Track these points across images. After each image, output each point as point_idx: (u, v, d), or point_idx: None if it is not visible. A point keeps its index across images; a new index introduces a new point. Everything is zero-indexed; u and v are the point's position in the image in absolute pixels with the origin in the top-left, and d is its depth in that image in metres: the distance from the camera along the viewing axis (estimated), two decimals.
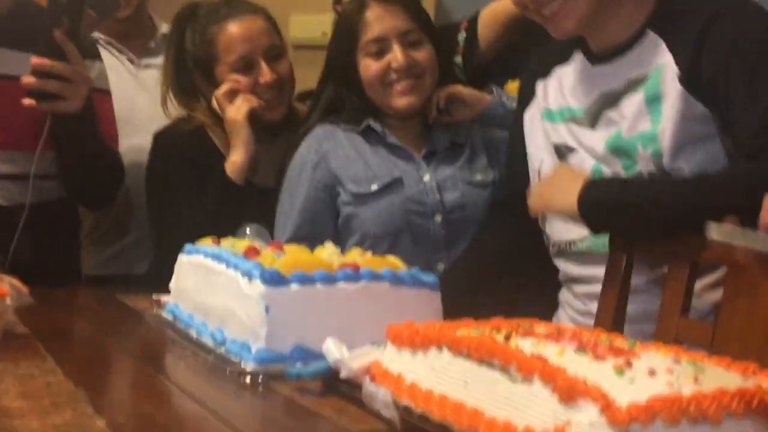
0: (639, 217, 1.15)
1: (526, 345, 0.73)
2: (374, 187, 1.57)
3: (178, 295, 1.20)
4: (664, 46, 1.23)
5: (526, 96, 1.46)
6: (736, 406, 0.65)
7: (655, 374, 0.68)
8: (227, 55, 1.67)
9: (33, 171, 1.45)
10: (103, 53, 1.89)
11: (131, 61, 2.14)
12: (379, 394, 0.78)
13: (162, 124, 1.79)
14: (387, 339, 0.88)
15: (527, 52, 1.77)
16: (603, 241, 1.31)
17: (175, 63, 1.75)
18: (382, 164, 1.59)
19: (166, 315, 1.19)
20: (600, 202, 1.18)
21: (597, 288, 1.27)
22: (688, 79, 1.17)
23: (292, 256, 1.03)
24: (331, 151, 1.60)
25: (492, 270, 1.49)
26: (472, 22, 1.75)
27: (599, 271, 1.29)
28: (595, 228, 1.21)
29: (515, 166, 1.50)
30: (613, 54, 1.28)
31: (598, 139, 1.29)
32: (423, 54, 1.57)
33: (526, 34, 1.77)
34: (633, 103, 1.25)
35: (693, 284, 1.18)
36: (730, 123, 1.15)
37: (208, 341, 1.04)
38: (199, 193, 1.64)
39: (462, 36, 1.74)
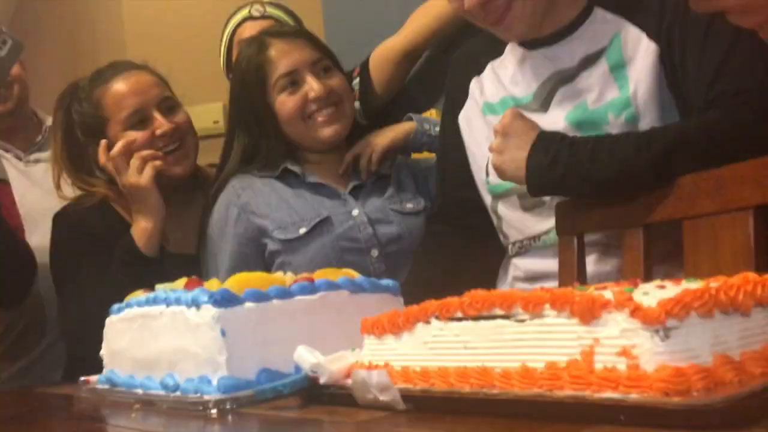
0: (579, 176, 1.12)
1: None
2: (302, 230, 1.49)
3: (112, 360, 1.07)
4: (617, 16, 1.21)
5: (457, 99, 1.41)
6: (761, 293, 0.61)
7: (665, 288, 0.64)
8: (118, 113, 1.55)
9: None
10: None
11: (18, 157, 2.03)
12: (372, 378, 0.69)
13: None
14: (364, 333, 0.81)
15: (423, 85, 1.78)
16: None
17: (65, 141, 1.62)
18: (306, 205, 1.53)
19: (101, 386, 1.05)
20: (544, 166, 1.13)
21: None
22: (654, 35, 1.15)
23: (242, 277, 0.94)
24: (250, 201, 1.52)
25: (439, 283, 1.42)
26: (363, 67, 1.74)
27: None
28: (536, 192, 1.17)
29: (448, 174, 1.45)
30: (555, 37, 1.25)
31: (554, 118, 1.24)
32: (336, 81, 1.55)
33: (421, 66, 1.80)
34: (595, 74, 1.21)
35: (650, 248, 1.16)
36: (685, 79, 1.13)
37: (159, 393, 0.91)
38: (107, 269, 1.49)
39: (356, 81, 1.74)
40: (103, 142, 1.52)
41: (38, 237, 1.71)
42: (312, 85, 1.51)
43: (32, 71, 2.11)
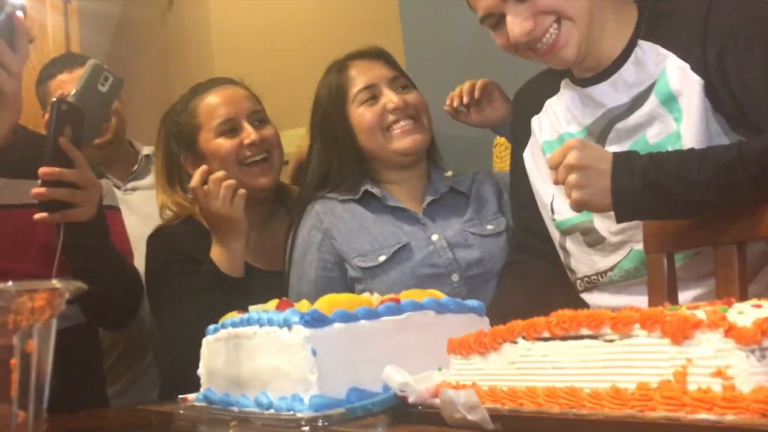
0: (673, 197, 1.09)
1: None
2: (382, 258, 1.50)
3: (209, 379, 1.11)
4: (661, 48, 1.22)
5: (522, 136, 1.44)
6: None
7: (761, 307, 0.62)
8: (210, 121, 1.61)
9: None
10: None
11: (116, 186, 2.13)
12: (460, 398, 0.70)
13: None
14: (450, 353, 0.82)
15: None
16: (636, 265, 1.26)
17: (164, 158, 1.69)
18: (386, 232, 1.53)
19: (199, 403, 1.10)
20: (633, 191, 1.11)
21: None
22: (697, 67, 1.16)
23: (330, 298, 0.97)
24: (332, 227, 1.54)
25: (524, 308, 1.41)
26: None
27: (638, 298, 1.22)
28: (625, 217, 1.15)
29: (521, 209, 1.46)
30: (605, 73, 1.27)
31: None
32: (414, 96, 1.57)
33: None
34: (647, 109, 1.22)
35: (745, 267, 1.12)
36: (747, 99, 1.12)
37: (254, 410, 0.94)
38: (198, 288, 1.52)
39: None
40: (203, 167, 1.54)
41: (136, 262, 1.80)
42: (390, 97, 1.54)
43: (127, 104, 2.24)
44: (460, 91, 1.59)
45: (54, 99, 1.26)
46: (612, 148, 1.24)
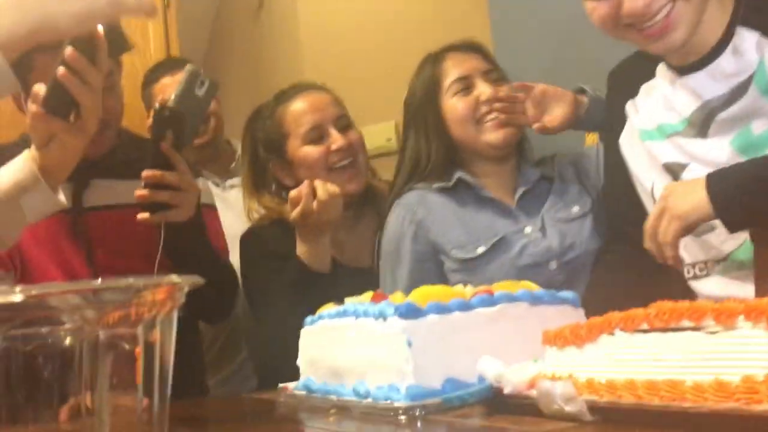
0: None
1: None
2: (481, 249, 1.51)
3: (308, 369, 1.15)
4: (760, 36, 1.16)
5: (615, 121, 1.40)
6: None
7: None
8: (297, 128, 1.65)
9: None
10: None
11: (216, 183, 2.22)
12: (557, 389, 0.70)
13: None
14: (546, 344, 0.82)
15: None
16: (750, 257, 1.21)
17: (251, 162, 1.74)
18: (481, 225, 1.53)
19: (299, 392, 1.14)
20: (733, 189, 1.08)
21: None
22: None
23: (424, 290, 0.98)
24: (426, 217, 1.54)
25: (621, 299, 1.39)
26: None
27: (749, 290, 1.17)
28: (733, 219, 1.12)
29: (618, 195, 1.43)
30: (703, 61, 1.22)
31: (717, 144, 1.20)
32: (508, 90, 1.56)
33: None
34: (749, 100, 1.17)
35: None
36: None
37: (351, 399, 0.97)
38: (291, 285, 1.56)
39: None
40: (306, 183, 1.55)
41: (231, 256, 1.87)
42: (483, 89, 1.55)
43: (222, 103, 2.32)
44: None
45: (156, 106, 1.33)
46: (714, 140, 1.20)
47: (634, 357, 0.70)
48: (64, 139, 1.16)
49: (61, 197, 1.23)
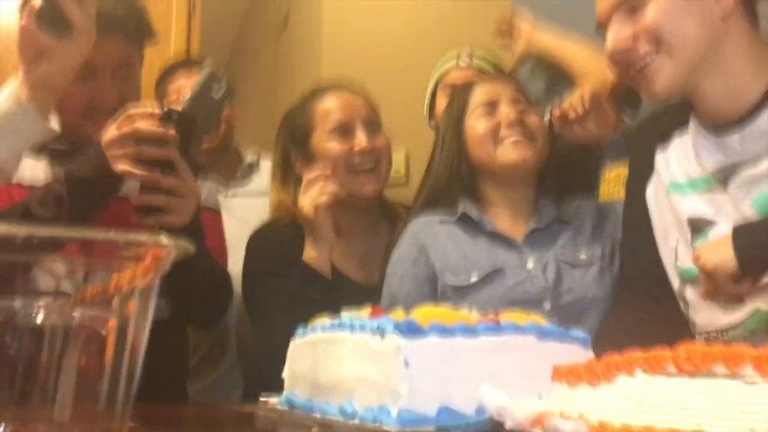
0: None
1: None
2: (474, 278, 1.49)
3: (293, 383, 1.08)
4: None
5: (644, 169, 1.35)
6: None
7: None
8: (324, 122, 1.64)
9: None
10: None
11: (217, 190, 2.17)
12: (567, 428, 0.64)
13: None
14: (555, 380, 0.75)
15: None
16: (761, 326, 1.16)
17: (282, 155, 1.71)
18: (481, 255, 1.52)
19: (281, 407, 1.07)
20: (758, 242, 1.04)
21: None
22: None
23: (428, 309, 0.92)
24: (428, 243, 1.54)
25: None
26: None
27: None
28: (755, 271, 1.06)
29: (637, 248, 1.38)
30: (742, 122, 1.18)
31: (736, 197, 1.17)
32: (533, 119, 1.55)
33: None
34: None
35: None
36: None
37: (337, 418, 0.90)
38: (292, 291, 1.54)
39: None
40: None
41: (231, 264, 1.81)
42: (507, 112, 1.53)
43: (240, 116, 2.29)
44: (573, 102, 1.51)
45: (165, 109, 1.28)
46: (732, 191, 1.16)
47: (656, 402, 0.64)
48: (53, 57, 1.14)
49: (53, 124, 1.20)
